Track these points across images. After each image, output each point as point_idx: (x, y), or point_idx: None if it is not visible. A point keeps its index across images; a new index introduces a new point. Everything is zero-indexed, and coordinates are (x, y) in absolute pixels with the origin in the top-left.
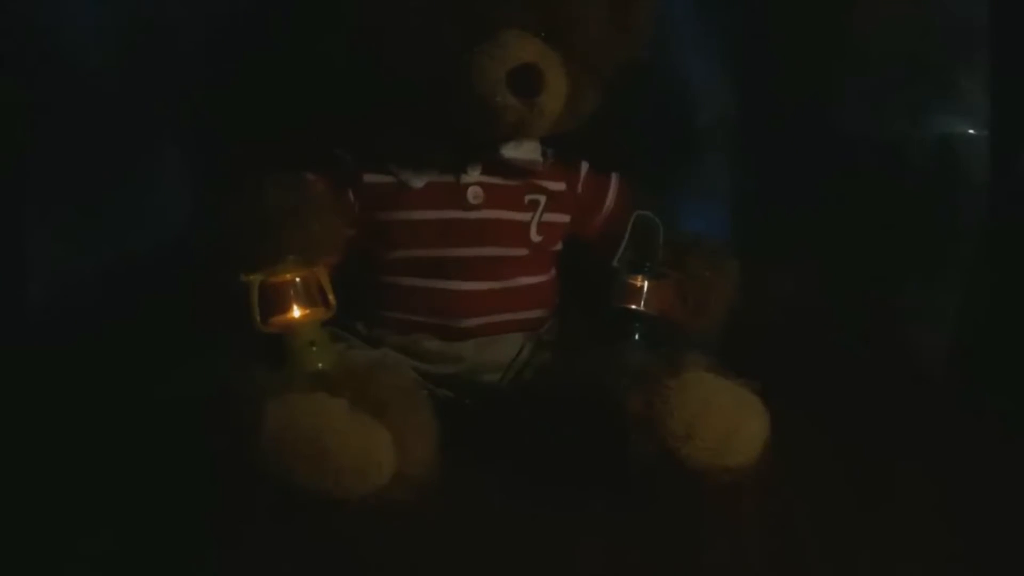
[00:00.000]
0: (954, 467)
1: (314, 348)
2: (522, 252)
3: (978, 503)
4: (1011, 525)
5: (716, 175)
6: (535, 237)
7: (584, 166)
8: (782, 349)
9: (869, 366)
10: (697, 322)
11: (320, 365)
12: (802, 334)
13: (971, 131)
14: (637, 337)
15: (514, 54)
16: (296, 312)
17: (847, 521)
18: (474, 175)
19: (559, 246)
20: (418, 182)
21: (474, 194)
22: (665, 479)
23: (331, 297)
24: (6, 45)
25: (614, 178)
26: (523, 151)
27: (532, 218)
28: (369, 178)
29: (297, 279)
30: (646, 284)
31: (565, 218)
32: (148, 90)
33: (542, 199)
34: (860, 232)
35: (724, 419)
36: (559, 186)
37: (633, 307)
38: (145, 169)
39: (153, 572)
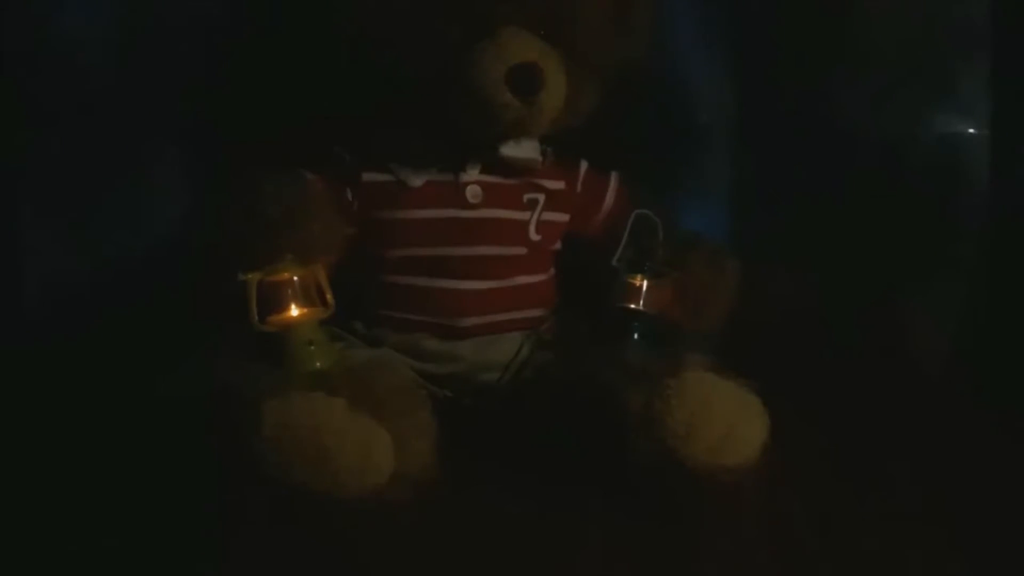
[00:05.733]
0: (954, 467)
1: (312, 347)
2: (521, 251)
3: (978, 503)
4: (1011, 525)
5: (716, 175)
6: (534, 236)
7: (583, 165)
8: (782, 349)
9: (869, 366)
10: (697, 321)
11: (318, 364)
12: (802, 334)
13: (971, 131)
14: (636, 336)
15: (514, 52)
16: (294, 311)
17: (847, 521)
18: (473, 174)
19: (558, 245)
20: (417, 181)
21: (473, 193)
22: (665, 479)
23: (329, 296)
24: (6, 45)
25: (613, 177)
26: (522, 150)
27: (531, 217)
28: (368, 177)
29: (295, 278)
30: (645, 283)
31: (564, 217)
32: (146, 89)
33: (541, 198)
34: (860, 232)
35: (723, 419)
36: (558, 185)
37: (632, 306)
38: (143, 169)
39: (151, 572)
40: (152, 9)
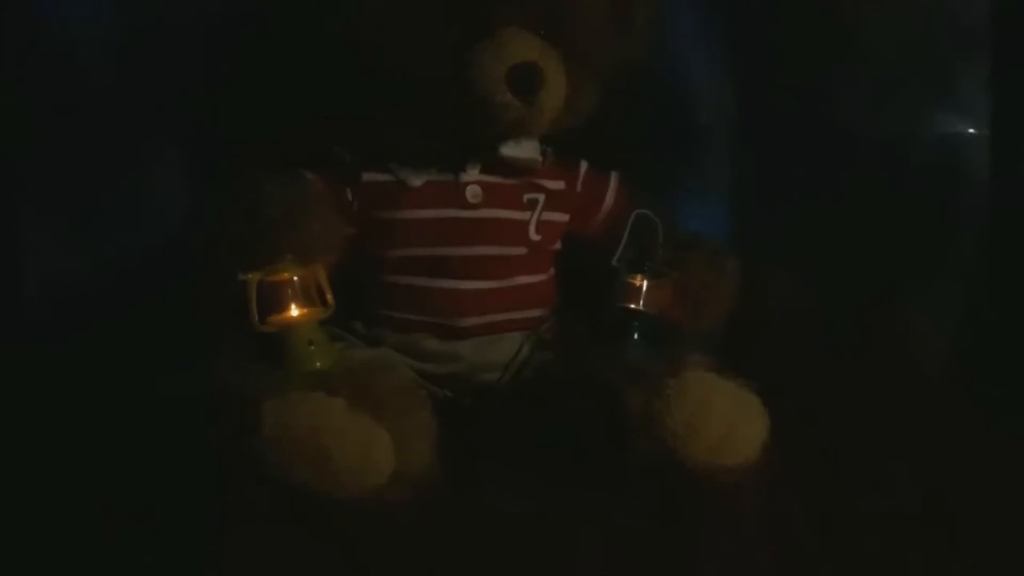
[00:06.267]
0: (953, 467)
1: (312, 347)
2: (521, 251)
3: (977, 503)
4: (1010, 525)
5: (716, 175)
6: (534, 236)
7: (583, 165)
8: (782, 349)
9: (869, 366)
10: (696, 321)
11: (318, 364)
12: (802, 334)
13: (971, 131)
14: (636, 336)
15: (514, 52)
16: (294, 311)
17: (847, 521)
18: (473, 174)
19: (558, 245)
20: (417, 181)
21: (473, 193)
22: (665, 479)
23: (329, 296)
24: (6, 45)
25: (613, 177)
26: (522, 150)
27: (531, 217)
28: (368, 177)
29: (295, 278)
30: (645, 283)
31: (564, 217)
32: (146, 89)
33: (541, 198)
34: (860, 232)
35: (723, 419)
36: (558, 185)
37: (632, 306)
38: (143, 169)
39: (151, 571)
40: (152, 9)
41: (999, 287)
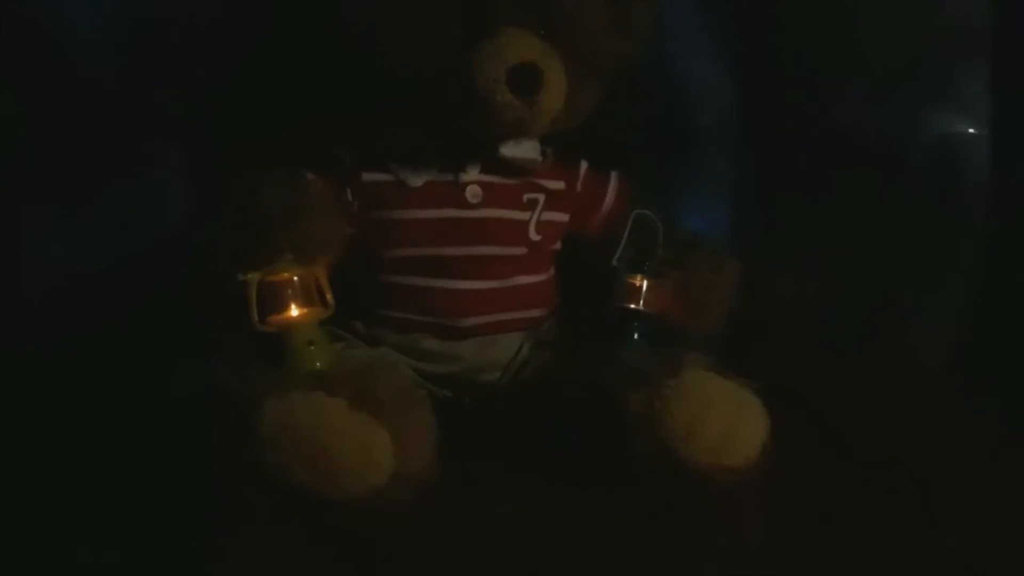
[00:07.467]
0: (953, 467)
1: (312, 347)
2: (521, 251)
3: (977, 503)
4: (1010, 525)
5: (716, 175)
6: (534, 236)
7: (583, 165)
8: (782, 349)
9: (869, 366)
10: (697, 321)
11: (318, 364)
12: (802, 334)
13: (971, 131)
14: (636, 336)
15: (514, 52)
16: (294, 311)
17: (847, 521)
18: (473, 174)
19: (558, 245)
20: (417, 181)
21: (473, 193)
22: (665, 479)
23: (329, 296)
24: (6, 45)
25: (613, 177)
26: (522, 150)
27: (531, 217)
28: (368, 177)
29: (295, 278)
30: (645, 283)
31: (564, 217)
32: (147, 89)
33: (541, 198)
34: (860, 232)
35: (723, 419)
36: (558, 185)
37: (632, 306)
38: (143, 168)
39: (151, 572)
40: (152, 9)
41: (999, 287)
